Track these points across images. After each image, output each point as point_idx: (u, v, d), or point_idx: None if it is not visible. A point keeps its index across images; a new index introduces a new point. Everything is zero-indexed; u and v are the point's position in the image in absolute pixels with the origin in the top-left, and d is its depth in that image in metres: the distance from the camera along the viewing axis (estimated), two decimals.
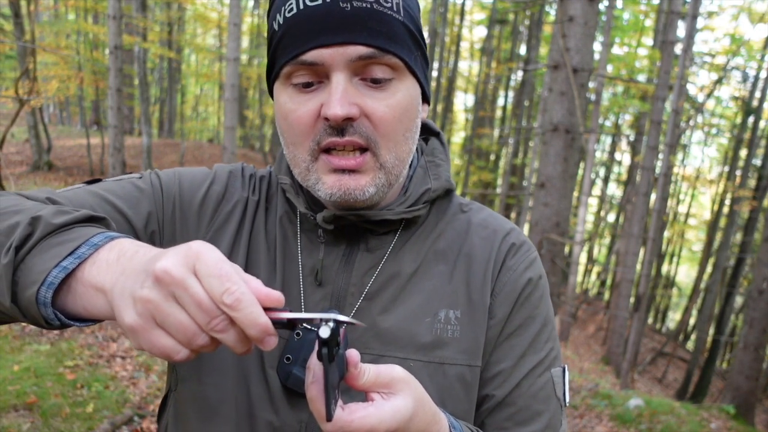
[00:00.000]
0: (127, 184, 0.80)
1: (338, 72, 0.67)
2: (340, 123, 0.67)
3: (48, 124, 17.66)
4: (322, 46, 0.66)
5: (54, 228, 0.60)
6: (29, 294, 0.55)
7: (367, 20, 0.66)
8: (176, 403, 0.79)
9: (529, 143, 18.47)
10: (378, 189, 0.71)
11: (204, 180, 0.84)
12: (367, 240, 0.77)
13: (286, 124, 0.71)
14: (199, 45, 21.99)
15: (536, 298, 0.79)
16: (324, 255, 0.77)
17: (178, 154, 16.85)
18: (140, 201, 0.78)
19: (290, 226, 0.81)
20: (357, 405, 0.54)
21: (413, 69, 0.72)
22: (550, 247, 4.66)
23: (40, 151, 14.68)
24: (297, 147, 0.71)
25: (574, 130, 4.56)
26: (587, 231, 17.32)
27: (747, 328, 7.97)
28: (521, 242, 0.82)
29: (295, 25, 0.67)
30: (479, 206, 0.87)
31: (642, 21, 16.86)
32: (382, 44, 0.67)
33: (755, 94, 15.59)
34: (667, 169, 10.41)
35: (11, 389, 3.91)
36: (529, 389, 0.76)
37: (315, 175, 0.71)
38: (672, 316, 24.67)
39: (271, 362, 0.73)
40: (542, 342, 0.78)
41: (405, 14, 0.70)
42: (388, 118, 0.69)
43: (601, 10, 11.19)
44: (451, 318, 0.75)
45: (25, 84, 9.74)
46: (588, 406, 6.03)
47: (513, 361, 0.76)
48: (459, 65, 22.68)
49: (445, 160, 0.85)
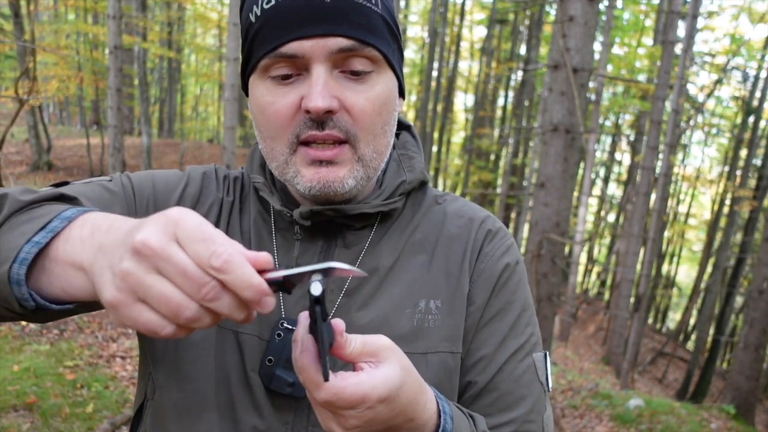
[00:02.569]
0: (96, 186, 0.76)
1: (319, 64, 0.66)
2: (321, 116, 0.66)
3: (48, 124, 17.65)
4: (303, 38, 0.65)
5: (23, 204, 0.59)
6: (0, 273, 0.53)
7: (347, 13, 0.65)
8: (154, 412, 0.77)
9: (529, 143, 18.46)
10: (357, 182, 0.71)
11: (178, 182, 0.82)
12: (344, 236, 0.77)
13: (263, 118, 0.70)
14: (199, 45, 21.99)
15: (514, 283, 0.79)
16: (299, 253, 0.76)
17: (178, 154, 16.85)
18: (111, 203, 0.75)
19: (264, 226, 0.80)
20: (348, 373, 0.53)
21: (391, 62, 0.71)
22: (550, 247, 4.66)
23: (40, 151, 14.68)
24: (275, 140, 0.70)
25: (574, 130, 4.55)
26: (587, 231, 17.32)
27: (747, 328, 7.97)
28: (497, 228, 0.82)
29: (274, 17, 0.66)
30: (453, 196, 0.87)
31: (642, 21, 16.86)
32: (363, 36, 0.66)
33: (755, 94, 15.59)
34: (667, 169, 10.41)
35: (11, 389, 3.91)
36: (512, 374, 0.75)
37: (294, 168, 0.70)
38: (672, 316, 24.67)
39: (252, 365, 0.72)
40: (522, 326, 0.78)
41: (383, 7, 0.69)
42: (367, 111, 0.68)
43: (601, 10, 11.20)
44: (432, 307, 0.75)
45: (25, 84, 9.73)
46: (588, 406, 6.03)
47: (494, 347, 0.76)
48: (459, 65, 22.69)
49: (418, 152, 0.84)
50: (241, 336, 0.74)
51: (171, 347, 0.75)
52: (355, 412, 0.53)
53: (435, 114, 19.28)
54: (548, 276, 4.69)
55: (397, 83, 0.75)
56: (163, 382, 0.75)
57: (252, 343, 0.73)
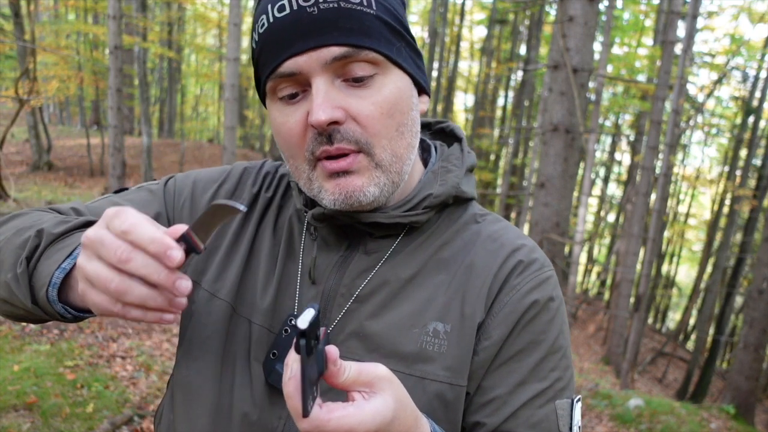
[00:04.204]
0: (143, 190, 0.87)
1: (317, 77, 0.66)
2: (326, 128, 0.66)
3: (48, 124, 17.66)
4: (295, 54, 0.65)
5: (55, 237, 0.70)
6: (42, 295, 0.65)
7: (335, 20, 0.64)
8: (171, 387, 0.81)
9: (529, 143, 18.46)
10: (381, 189, 0.69)
11: (218, 178, 0.87)
12: (365, 243, 0.76)
13: (281, 139, 0.72)
14: (199, 45, 22.00)
15: (543, 321, 0.72)
16: (319, 254, 0.77)
17: (178, 154, 16.85)
18: (150, 203, 0.84)
19: (297, 225, 0.81)
20: (336, 404, 0.51)
21: (396, 61, 0.69)
22: (550, 247, 4.66)
23: (40, 151, 14.68)
24: (295, 159, 0.71)
25: (574, 130, 4.56)
26: (587, 231, 17.32)
27: (747, 328, 7.96)
28: (531, 260, 0.75)
29: (269, 40, 0.67)
30: (496, 217, 0.81)
31: (642, 21, 16.86)
32: (355, 41, 0.65)
33: (755, 94, 15.59)
34: (667, 169, 10.41)
35: (11, 389, 3.91)
36: (528, 420, 0.69)
37: (317, 184, 0.70)
38: (672, 316, 24.67)
39: (257, 355, 0.74)
40: (546, 370, 0.71)
41: (378, 7, 0.67)
42: (376, 116, 0.67)
43: (601, 10, 11.20)
44: (440, 331, 0.71)
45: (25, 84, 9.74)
46: (588, 406, 6.03)
47: (510, 388, 0.70)
48: (459, 65, 22.69)
49: (459, 166, 0.80)
50: (253, 326, 0.76)
51: (187, 326, 0.80)
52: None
53: (435, 114, 19.28)
54: None
55: (411, 81, 0.73)
56: (180, 358, 0.79)
57: (261, 334, 0.75)
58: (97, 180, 14.77)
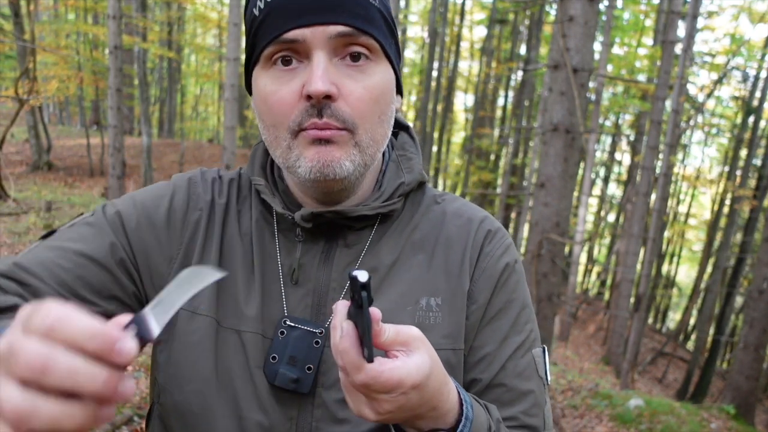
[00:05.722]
0: (80, 226, 0.79)
1: (319, 50, 0.68)
2: (321, 101, 0.68)
3: (48, 124, 17.66)
4: (304, 26, 0.68)
5: None
6: None
7: (346, 3, 0.69)
8: (160, 414, 0.78)
9: (529, 143, 18.47)
10: (355, 167, 0.72)
11: (165, 194, 0.83)
12: (345, 236, 0.79)
13: (266, 107, 0.72)
14: (199, 45, 22.00)
15: (513, 281, 0.81)
16: (302, 253, 0.78)
17: (178, 154, 16.85)
18: (97, 235, 0.77)
19: (267, 227, 0.81)
20: (386, 359, 0.56)
21: (389, 54, 0.74)
22: (550, 247, 4.66)
23: (40, 151, 14.68)
24: (278, 128, 0.72)
25: (574, 130, 4.56)
26: (587, 231, 17.33)
27: (747, 328, 7.96)
28: (496, 228, 0.84)
29: (277, 8, 0.69)
30: (453, 196, 0.89)
31: (642, 21, 16.86)
32: (361, 25, 0.69)
33: (755, 94, 15.59)
34: (667, 169, 10.41)
35: None
36: (514, 370, 0.78)
37: (296, 152, 0.72)
38: (672, 316, 24.67)
39: (256, 362, 0.74)
40: (522, 324, 0.80)
41: (380, 2, 0.73)
42: (365, 99, 0.70)
43: (601, 10, 11.19)
44: (432, 305, 0.77)
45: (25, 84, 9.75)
46: (588, 406, 6.03)
47: (497, 344, 0.78)
48: (459, 65, 22.69)
49: (417, 153, 0.86)
50: (244, 335, 0.75)
51: (168, 351, 0.76)
52: (389, 396, 0.56)
53: (435, 114, 19.29)
54: (548, 276, 4.70)
55: (395, 78, 0.77)
56: (165, 385, 0.76)
57: (255, 341, 0.75)
58: (97, 180, 14.78)
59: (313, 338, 0.73)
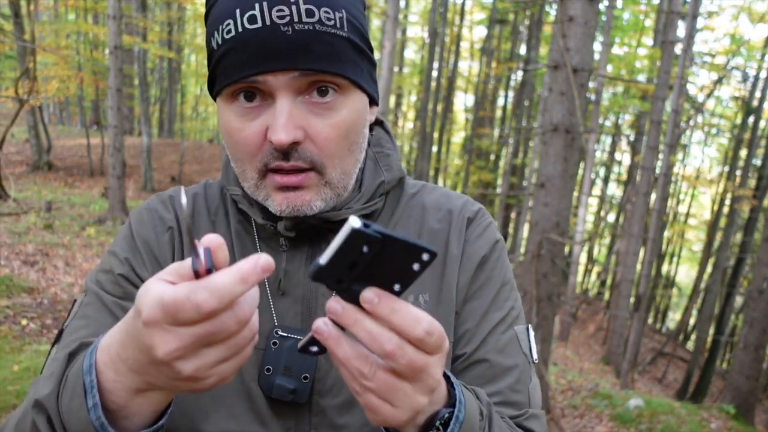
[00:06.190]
0: (83, 310, 0.75)
1: (282, 94, 0.66)
2: (286, 148, 0.66)
3: (48, 124, 17.66)
4: (264, 72, 0.65)
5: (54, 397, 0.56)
6: None
7: (309, 43, 0.64)
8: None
9: (529, 143, 18.46)
10: (326, 203, 0.71)
11: (132, 232, 0.80)
12: (328, 239, 0.76)
13: (232, 142, 0.71)
14: (199, 45, 21.98)
15: (493, 260, 0.82)
16: (287, 262, 0.77)
17: (178, 154, 16.85)
18: (100, 309, 0.74)
19: (247, 237, 0.80)
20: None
21: (359, 83, 0.70)
22: (550, 247, 4.66)
23: (40, 151, 14.68)
24: (245, 164, 0.71)
25: (574, 130, 4.55)
26: (587, 231, 17.32)
27: (747, 328, 7.96)
28: (474, 212, 0.84)
29: (235, 49, 0.65)
30: (429, 187, 0.87)
31: (642, 21, 16.86)
32: (326, 67, 0.66)
33: (755, 94, 15.59)
34: (667, 169, 10.41)
35: (11, 389, 3.91)
36: (495, 345, 0.77)
37: (264, 192, 0.71)
38: (672, 316, 24.67)
39: (251, 376, 0.72)
40: (502, 300, 0.80)
41: (350, 27, 0.68)
42: (332, 138, 0.68)
43: (601, 10, 11.19)
44: (421, 302, 0.76)
45: (25, 84, 9.75)
46: (588, 406, 6.03)
47: (476, 320, 0.78)
48: (459, 65, 22.69)
49: (393, 148, 0.85)
50: None
51: None
52: (441, 355, 0.51)
53: (435, 114, 19.29)
54: (548, 276, 4.69)
55: (367, 97, 0.74)
56: None
57: None
58: (97, 180, 14.78)
59: None
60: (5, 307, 5.43)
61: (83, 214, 10.30)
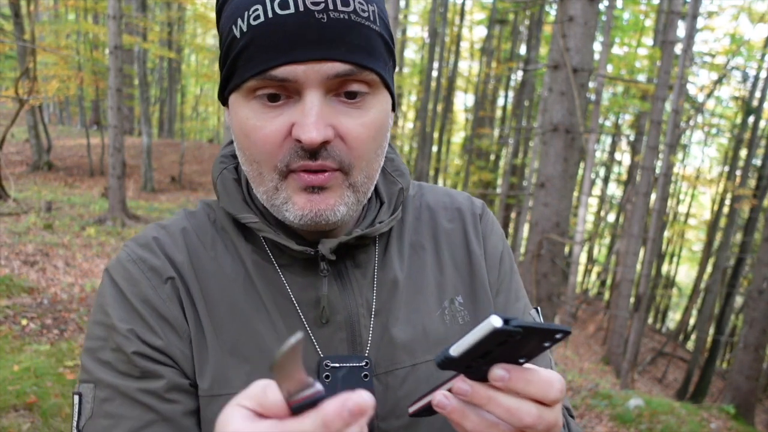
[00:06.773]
0: (103, 408, 0.64)
1: (312, 90, 0.60)
2: (316, 147, 0.61)
3: (48, 124, 17.67)
4: (296, 62, 0.59)
5: None
6: None
7: (345, 33, 0.60)
8: None
9: (529, 143, 18.47)
10: (348, 208, 0.66)
11: (123, 298, 0.68)
12: (353, 256, 0.73)
13: (249, 142, 0.64)
14: (199, 45, 21.97)
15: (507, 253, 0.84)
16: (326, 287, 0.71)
17: (178, 154, 16.85)
18: (127, 402, 0.65)
19: (269, 266, 0.71)
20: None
21: (388, 82, 0.67)
22: (550, 247, 4.66)
23: (40, 151, 14.69)
24: (262, 165, 0.65)
25: (574, 130, 4.55)
26: (587, 231, 17.32)
27: (747, 328, 7.97)
28: (481, 208, 0.85)
29: (263, 36, 0.60)
30: (428, 188, 0.86)
31: (642, 21, 16.86)
32: (361, 60, 0.61)
33: (755, 94, 15.60)
34: (667, 169, 10.41)
35: (11, 389, 3.91)
36: None
37: (284, 194, 0.65)
38: (672, 316, 24.68)
39: None
40: (519, 290, 0.83)
41: (381, 23, 0.64)
42: (363, 138, 0.64)
43: (601, 10, 11.20)
44: (456, 304, 0.76)
45: (25, 84, 9.75)
46: (588, 406, 6.03)
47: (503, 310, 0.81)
48: (459, 65, 22.70)
49: (394, 151, 0.81)
50: None
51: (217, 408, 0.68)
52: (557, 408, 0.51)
53: (435, 114, 19.29)
54: (548, 276, 4.70)
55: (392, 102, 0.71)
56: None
57: None
58: (97, 180, 14.78)
59: (360, 372, 0.67)
60: (5, 307, 5.44)
61: (83, 214, 10.31)
